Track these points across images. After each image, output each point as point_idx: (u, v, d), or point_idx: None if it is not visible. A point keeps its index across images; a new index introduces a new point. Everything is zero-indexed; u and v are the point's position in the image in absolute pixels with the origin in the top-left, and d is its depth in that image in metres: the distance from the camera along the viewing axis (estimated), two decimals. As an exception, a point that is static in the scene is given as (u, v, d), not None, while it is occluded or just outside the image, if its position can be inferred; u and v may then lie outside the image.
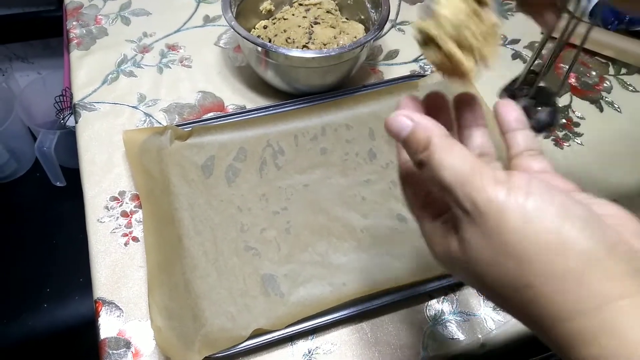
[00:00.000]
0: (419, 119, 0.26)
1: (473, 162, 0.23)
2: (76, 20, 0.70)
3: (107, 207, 0.51)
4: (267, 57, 0.56)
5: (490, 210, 0.22)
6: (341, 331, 0.45)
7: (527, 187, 0.22)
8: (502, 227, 0.22)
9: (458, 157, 0.24)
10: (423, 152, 0.25)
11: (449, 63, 0.28)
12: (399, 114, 0.26)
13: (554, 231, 0.21)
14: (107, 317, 0.44)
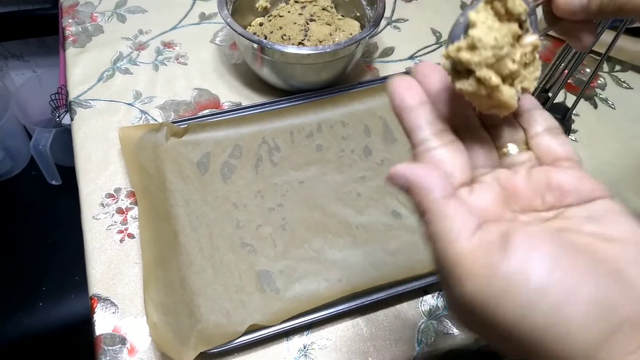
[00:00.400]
0: (412, 174, 0.23)
1: (468, 239, 0.21)
2: (72, 17, 0.70)
3: (102, 204, 0.51)
4: (263, 54, 0.56)
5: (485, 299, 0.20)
6: (336, 326, 0.45)
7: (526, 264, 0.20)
8: (499, 317, 0.20)
9: (453, 230, 0.21)
10: (419, 209, 0.23)
11: (486, 94, 0.24)
12: (395, 169, 0.23)
13: (557, 317, 0.19)
14: (102, 313, 0.44)
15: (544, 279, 0.19)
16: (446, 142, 0.25)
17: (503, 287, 0.19)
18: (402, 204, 0.51)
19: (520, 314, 0.19)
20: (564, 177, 0.24)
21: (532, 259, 0.20)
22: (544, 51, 0.71)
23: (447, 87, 0.26)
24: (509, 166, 0.26)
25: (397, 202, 0.51)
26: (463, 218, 0.21)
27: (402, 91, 0.26)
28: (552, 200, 0.24)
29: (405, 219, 0.50)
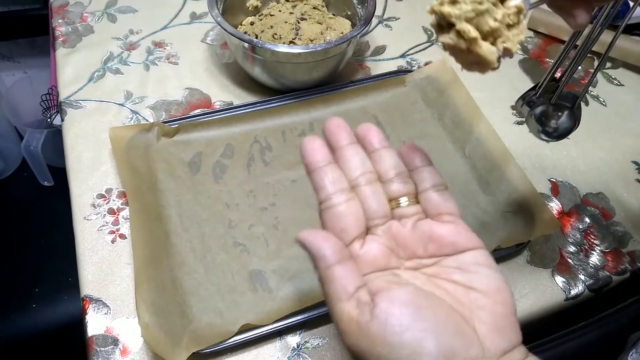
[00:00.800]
0: (312, 242, 0.27)
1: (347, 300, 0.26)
2: (62, 18, 0.69)
3: (93, 204, 0.51)
4: (254, 53, 0.56)
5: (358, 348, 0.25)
6: (330, 325, 0.45)
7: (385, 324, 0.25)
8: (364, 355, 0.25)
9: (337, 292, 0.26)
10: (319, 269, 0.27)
11: (466, 47, 0.25)
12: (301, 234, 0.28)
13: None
14: (94, 314, 0.44)
15: (397, 339, 0.24)
16: (345, 200, 0.30)
17: (369, 343, 0.25)
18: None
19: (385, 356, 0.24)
20: (444, 230, 0.29)
21: (389, 323, 0.25)
22: (534, 48, 0.71)
23: (352, 144, 0.31)
24: (399, 217, 0.31)
25: (389, 200, 0.51)
26: (346, 282, 0.26)
27: (311, 153, 0.31)
28: (432, 249, 0.29)
29: (398, 217, 0.50)
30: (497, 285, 0.27)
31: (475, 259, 0.28)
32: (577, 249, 0.52)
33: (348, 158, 0.31)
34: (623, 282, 0.51)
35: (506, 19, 0.25)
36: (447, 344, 0.24)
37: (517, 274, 0.49)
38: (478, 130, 0.56)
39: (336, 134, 0.32)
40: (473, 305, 0.27)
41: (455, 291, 0.27)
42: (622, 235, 0.53)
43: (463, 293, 0.27)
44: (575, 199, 0.55)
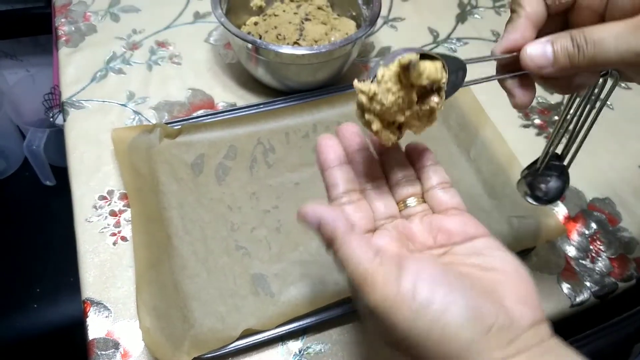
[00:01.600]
0: (324, 214, 0.27)
1: (368, 263, 0.26)
2: (65, 17, 0.69)
3: (95, 206, 0.50)
4: (258, 54, 0.55)
5: (385, 308, 0.25)
6: (332, 331, 0.44)
7: (414, 283, 0.25)
8: (395, 323, 0.24)
9: (356, 253, 0.26)
10: (330, 244, 0.27)
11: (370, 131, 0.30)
12: (308, 209, 0.28)
13: (438, 324, 0.24)
14: (95, 317, 0.44)
15: (427, 296, 0.24)
16: (354, 200, 0.31)
17: (397, 300, 0.24)
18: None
19: (411, 320, 0.24)
20: (451, 222, 0.30)
21: (420, 279, 0.25)
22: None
23: (362, 149, 0.33)
24: (406, 216, 0.32)
25: (393, 204, 0.51)
26: (365, 246, 0.26)
27: (327, 150, 0.32)
28: (442, 240, 0.30)
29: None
30: (514, 266, 0.27)
31: (487, 244, 0.29)
32: (583, 255, 0.51)
33: (359, 163, 0.33)
34: (629, 289, 0.50)
35: (419, 112, 0.29)
36: (475, 308, 0.24)
37: (523, 279, 0.48)
38: (483, 133, 0.56)
39: (349, 139, 0.33)
40: (495, 282, 0.26)
41: (474, 272, 0.27)
42: (629, 241, 0.52)
43: (482, 273, 0.27)
44: (581, 204, 0.55)
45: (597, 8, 0.29)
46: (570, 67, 0.28)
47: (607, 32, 0.26)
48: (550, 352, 0.25)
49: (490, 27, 0.72)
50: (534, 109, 0.63)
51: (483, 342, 0.24)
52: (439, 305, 0.24)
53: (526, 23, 0.29)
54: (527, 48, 0.29)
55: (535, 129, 0.61)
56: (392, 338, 0.25)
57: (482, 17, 0.74)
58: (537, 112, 0.63)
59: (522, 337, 0.24)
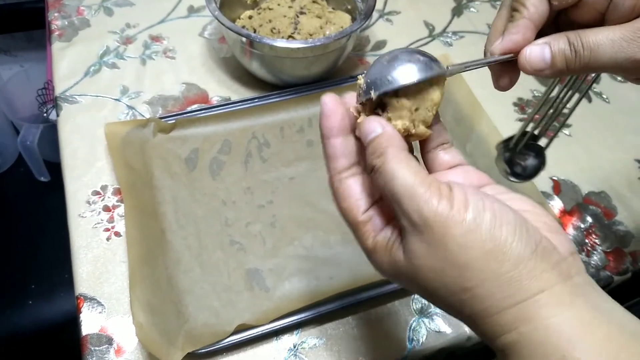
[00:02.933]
0: (388, 128, 0.27)
1: (423, 177, 0.25)
2: (58, 11, 0.68)
3: (88, 201, 0.50)
4: (252, 48, 0.55)
5: (435, 222, 0.24)
6: (326, 325, 0.44)
7: (465, 200, 0.24)
8: (446, 238, 0.24)
9: (409, 170, 0.25)
10: (379, 157, 0.26)
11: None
12: (371, 118, 0.27)
13: (489, 239, 0.23)
14: (89, 313, 0.44)
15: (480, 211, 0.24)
16: (360, 172, 0.29)
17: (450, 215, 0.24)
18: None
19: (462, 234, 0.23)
20: (456, 176, 0.29)
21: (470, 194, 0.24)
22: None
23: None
24: None
25: (388, 198, 0.51)
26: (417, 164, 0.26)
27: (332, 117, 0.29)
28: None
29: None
30: (531, 203, 0.27)
31: (497, 190, 0.28)
32: (578, 248, 0.51)
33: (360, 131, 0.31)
34: (624, 283, 0.50)
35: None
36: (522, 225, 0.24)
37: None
38: (479, 127, 0.55)
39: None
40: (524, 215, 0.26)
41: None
42: (624, 235, 0.52)
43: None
44: (577, 197, 0.55)
45: (600, 7, 0.29)
46: (566, 71, 0.28)
47: (603, 37, 0.27)
48: (592, 285, 0.24)
49: (486, 21, 0.72)
50: (529, 102, 0.63)
51: (531, 262, 0.23)
52: (491, 219, 0.24)
53: (528, 24, 0.29)
54: (525, 51, 0.29)
55: (531, 122, 0.60)
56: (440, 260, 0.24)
57: (478, 11, 0.73)
58: (533, 105, 0.62)
59: (564, 263, 0.24)
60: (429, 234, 0.24)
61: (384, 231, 0.27)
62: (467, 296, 0.24)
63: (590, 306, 0.23)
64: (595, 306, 0.23)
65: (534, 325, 0.23)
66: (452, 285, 0.24)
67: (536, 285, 0.23)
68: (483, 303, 0.23)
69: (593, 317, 0.23)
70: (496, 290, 0.23)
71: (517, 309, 0.23)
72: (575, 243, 0.51)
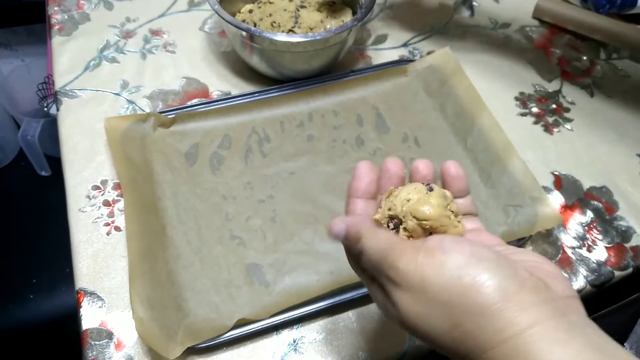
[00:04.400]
0: (350, 219, 0.30)
1: (393, 240, 0.27)
2: (58, 5, 0.68)
3: (88, 196, 0.50)
4: (252, 42, 0.54)
5: (410, 271, 0.25)
6: (327, 320, 0.44)
7: (440, 245, 0.25)
8: (424, 283, 0.25)
9: (381, 238, 0.27)
10: (357, 243, 0.28)
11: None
12: (335, 221, 0.30)
13: (466, 275, 0.24)
14: (89, 307, 0.44)
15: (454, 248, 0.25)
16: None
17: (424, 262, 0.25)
18: (394, 195, 0.50)
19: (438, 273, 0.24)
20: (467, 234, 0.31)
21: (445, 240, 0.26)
22: (540, 38, 0.69)
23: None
24: None
25: (389, 193, 0.50)
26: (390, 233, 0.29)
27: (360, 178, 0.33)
28: None
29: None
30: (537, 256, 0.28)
31: (504, 247, 0.29)
32: (579, 243, 0.51)
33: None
34: (626, 278, 0.50)
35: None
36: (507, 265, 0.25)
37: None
38: (480, 121, 0.55)
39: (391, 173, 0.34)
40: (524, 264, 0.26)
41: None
42: (626, 230, 0.52)
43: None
44: (578, 192, 0.54)
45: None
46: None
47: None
48: (591, 326, 0.24)
49: (488, 15, 0.71)
50: (531, 97, 0.62)
51: (520, 294, 0.23)
52: (469, 257, 0.24)
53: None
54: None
55: (532, 117, 0.60)
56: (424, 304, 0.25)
57: (479, 5, 0.73)
58: (535, 100, 0.62)
59: (560, 301, 0.24)
60: (408, 283, 0.25)
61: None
62: (458, 333, 0.24)
63: (590, 346, 0.22)
64: (596, 346, 0.22)
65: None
66: (442, 325, 0.25)
67: (527, 319, 0.23)
68: (476, 339, 0.23)
69: (594, 358, 0.22)
70: (486, 324, 0.23)
71: (512, 344, 0.22)
72: (576, 238, 0.51)
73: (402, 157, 0.53)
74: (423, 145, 0.55)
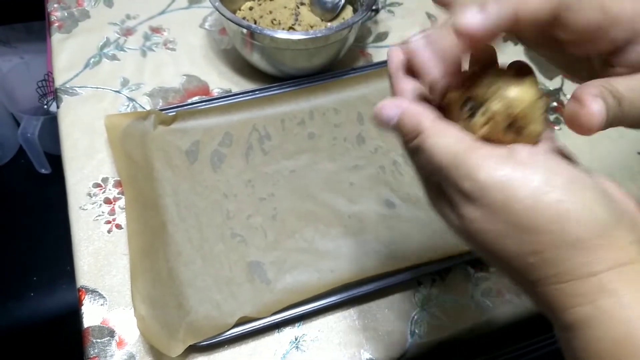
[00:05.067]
0: (407, 105, 0.24)
1: (469, 142, 0.23)
2: (57, 2, 0.68)
3: (89, 194, 0.50)
4: (253, 39, 0.54)
5: (495, 186, 0.22)
6: (328, 318, 0.44)
7: (531, 160, 0.22)
8: (509, 202, 0.21)
9: (452, 138, 0.23)
10: (415, 138, 0.24)
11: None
12: (385, 103, 0.25)
13: (568, 203, 0.21)
14: (90, 305, 0.44)
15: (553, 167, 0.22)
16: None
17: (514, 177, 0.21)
18: (395, 193, 0.50)
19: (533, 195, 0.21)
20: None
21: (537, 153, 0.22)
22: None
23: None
24: None
25: (390, 191, 0.50)
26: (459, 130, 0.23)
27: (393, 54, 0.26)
28: None
29: (399, 208, 0.49)
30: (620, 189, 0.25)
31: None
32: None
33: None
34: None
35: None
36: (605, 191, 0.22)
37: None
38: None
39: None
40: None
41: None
42: (627, 228, 0.52)
43: None
44: (579, 190, 0.54)
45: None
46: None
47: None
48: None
49: (488, 12, 0.71)
50: (532, 94, 0.62)
51: (618, 231, 0.21)
52: (566, 181, 0.21)
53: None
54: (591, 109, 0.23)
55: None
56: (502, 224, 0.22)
57: (480, 2, 0.73)
58: (536, 98, 0.62)
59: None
60: (486, 199, 0.22)
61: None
62: (535, 259, 0.21)
63: None
64: None
65: (617, 300, 0.20)
66: (517, 249, 0.22)
67: (622, 256, 0.21)
68: (555, 267, 0.21)
69: None
70: (574, 256, 0.21)
71: (597, 280, 0.20)
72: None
73: (403, 154, 0.53)
74: (424, 143, 0.55)
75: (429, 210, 0.49)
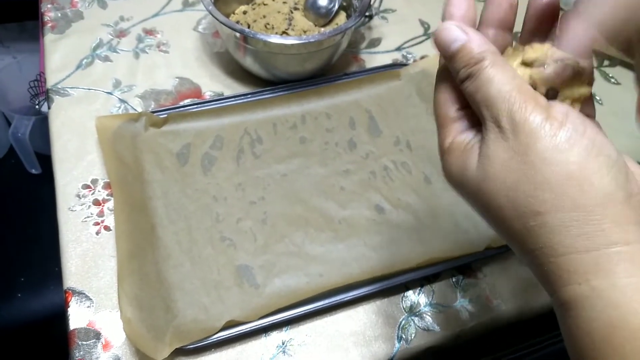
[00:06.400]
0: (473, 33, 0.25)
1: (520, 83, 0.23)
2: (51, 2, 0.68)
3: (78, 195, 0.50)
4: (246, 43, 0.54)
5: (524, 129, 0.22)
6: (315, 322, 0.44)
7: (563, 118, 0.22)
8: (530, 149, 0.22)
9: (507, 75, 0.24)
10: (474, 65, 0.24)
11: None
12: (451, 25, 0.25)
13: (580, 164, 0.21)
14: (77, 307, 0.43)
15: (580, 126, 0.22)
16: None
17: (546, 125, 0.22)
18: (385, 198, 0.50)
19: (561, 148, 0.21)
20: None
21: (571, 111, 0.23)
22: None
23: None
24: None
25: (380, 196, 0.51)
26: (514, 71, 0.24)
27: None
28: None
29: (389, 213, 0.49)
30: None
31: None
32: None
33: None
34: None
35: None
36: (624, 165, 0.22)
37: (510, 273, 0.48)
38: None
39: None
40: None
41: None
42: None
43: None
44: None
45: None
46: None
47: None
48: None
49: (481, 20, 0.72)
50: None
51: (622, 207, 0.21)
52: (588, 145, 0.21)
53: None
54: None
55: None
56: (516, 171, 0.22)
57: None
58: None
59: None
60: (514, 141, 0.22)
61: (465, 134, 0.26)
62: (535, 222, 0.21)
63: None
64: None
65: (612, 282, 0.20)
66: (521, 205, 0.22)
67: (621, 236, 0.20)
68: (553, 236, 0.21)
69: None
70: (572, 225, 0.20)
71: (592, 257, 0.20)
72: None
73: (394, 160, 0.53)
74: (415, 148, 0.55)
75: (419, 216, 0.49)
